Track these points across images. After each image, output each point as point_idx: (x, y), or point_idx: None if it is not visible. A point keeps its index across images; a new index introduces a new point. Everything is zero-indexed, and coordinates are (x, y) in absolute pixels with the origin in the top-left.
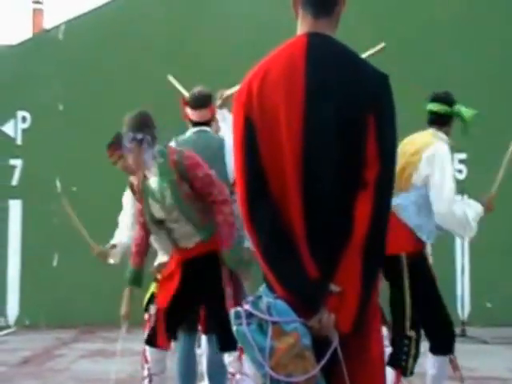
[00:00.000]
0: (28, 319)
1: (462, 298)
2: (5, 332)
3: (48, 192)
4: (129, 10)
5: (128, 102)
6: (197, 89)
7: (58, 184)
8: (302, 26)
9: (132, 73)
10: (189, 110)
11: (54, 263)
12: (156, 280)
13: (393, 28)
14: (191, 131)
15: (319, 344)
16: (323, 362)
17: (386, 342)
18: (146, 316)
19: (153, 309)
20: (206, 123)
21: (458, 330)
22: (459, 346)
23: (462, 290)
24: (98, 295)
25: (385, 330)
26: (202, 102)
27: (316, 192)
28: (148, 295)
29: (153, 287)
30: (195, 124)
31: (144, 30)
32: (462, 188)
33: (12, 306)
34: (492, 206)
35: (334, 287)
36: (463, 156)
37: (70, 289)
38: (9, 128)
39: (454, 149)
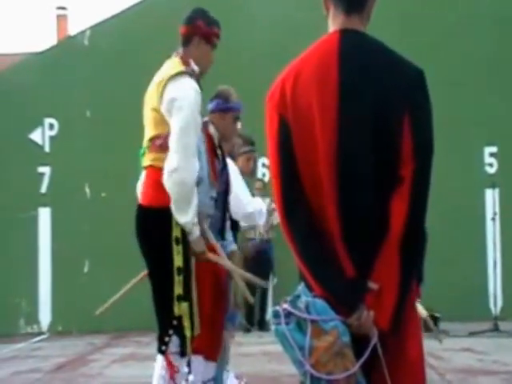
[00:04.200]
0: (60, 325)
1: (494, 292)
2: (38, 338)
3: (77, 199)
4: (154, 13)
5: None
6: None
7: (88, 190)
8: (334, 23)
9: None
10: None
11: (85, 269)
12: None
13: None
14: None
15: (358, 342)
16: (363, 359)
17: None
18: None
19: None
20: None
21: (490, 325)
22: (492, 341)
23: (495, 284)
24: (129, 300)
25: None
26: None
27: (351, 190)
28: None
29: None
30: None
31: (171, 33)
32: (492, 182)
33: (44, 312)
34: None
35: (371, 284)
36: (494, 149)
37: (102, 294)
38: (36, 136)
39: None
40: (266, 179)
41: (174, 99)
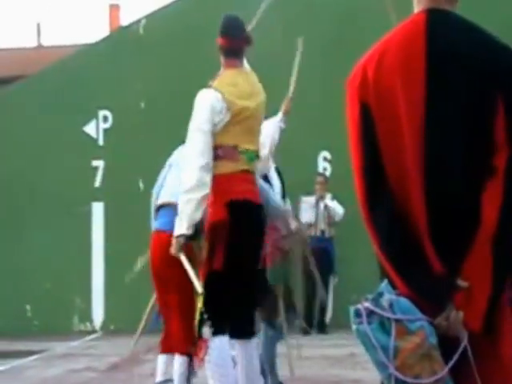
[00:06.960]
0: (113, 324)
1: None
2: (91, 337)
3: (131, 193)
4: (210, 1)
5: None
6: None
7: (141, 185)
8: (419, 4)
9: (217, 66)
10: None
11: (138, 266)
12: None
13: None
14: None
15: (446, 344)
16: (452, 362)
17: None
18: None
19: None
20: None
21: None
22: None
23: None
24: None
25: None
26: None
27: (439, 181)
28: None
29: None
30: None
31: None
32: None
33: (97, 311)
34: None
35: (461, 282)
36: None
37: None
38: (91, 128)
39: None
40: (328, 173)
41: None
